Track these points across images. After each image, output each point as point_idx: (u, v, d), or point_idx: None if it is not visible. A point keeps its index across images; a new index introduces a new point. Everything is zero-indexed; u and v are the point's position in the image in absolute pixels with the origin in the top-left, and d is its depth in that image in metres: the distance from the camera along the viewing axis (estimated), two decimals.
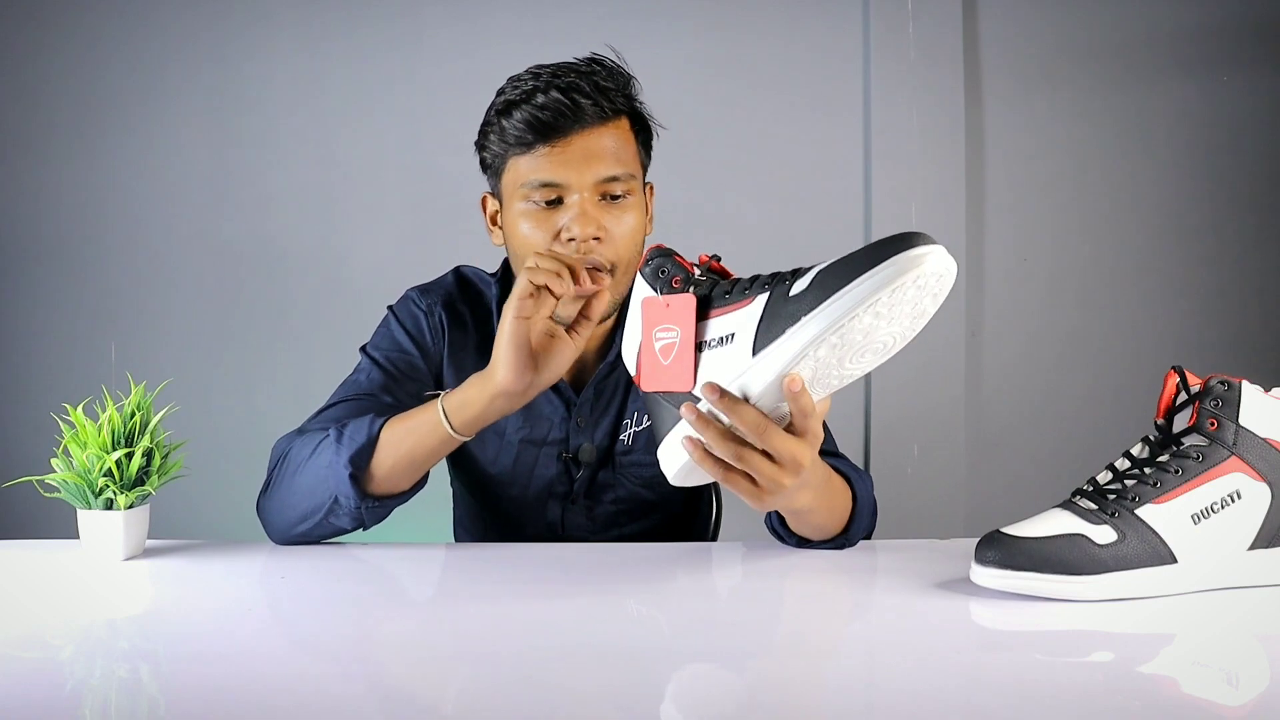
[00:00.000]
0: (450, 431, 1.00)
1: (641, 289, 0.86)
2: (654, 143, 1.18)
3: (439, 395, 1.02)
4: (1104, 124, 2.38)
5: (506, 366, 0.96)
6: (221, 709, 0.63)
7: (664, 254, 0.86)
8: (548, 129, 1.06)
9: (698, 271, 0.85)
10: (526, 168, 1.08)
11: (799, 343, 0.76)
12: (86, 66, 2.29)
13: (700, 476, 0.87)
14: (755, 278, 0.82)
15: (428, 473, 1.07)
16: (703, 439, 0.82)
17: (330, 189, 2.32)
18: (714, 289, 0.83)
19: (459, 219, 2.25)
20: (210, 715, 0.63)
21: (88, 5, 2.29)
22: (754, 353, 0.79)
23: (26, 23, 2.29)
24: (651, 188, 1.19)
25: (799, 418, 0.81)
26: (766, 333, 0.78)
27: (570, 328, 0.99)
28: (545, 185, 1.07)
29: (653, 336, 0.84)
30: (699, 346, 0.82)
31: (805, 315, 0.76)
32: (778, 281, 0.80)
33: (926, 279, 0.73)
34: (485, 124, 1.13)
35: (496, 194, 1.15)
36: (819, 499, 0.98)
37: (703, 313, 0.83)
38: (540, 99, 1.07)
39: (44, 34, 2.29)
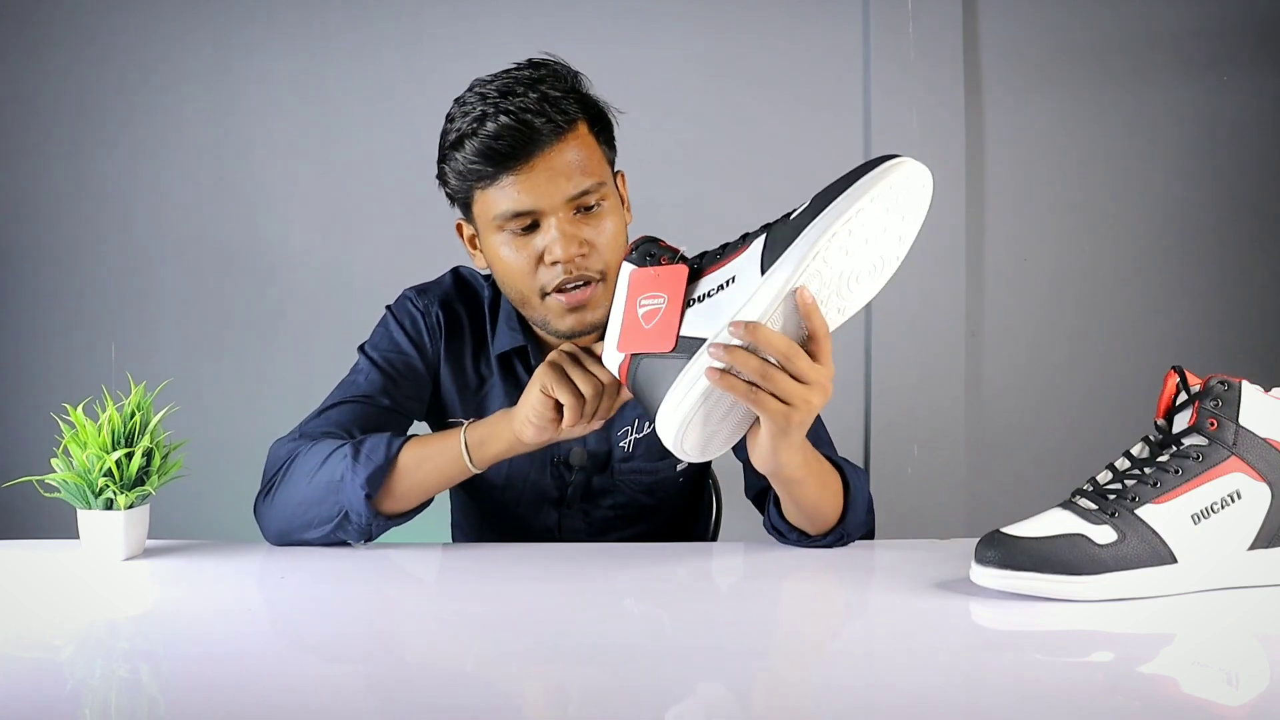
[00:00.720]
0: (470, 465, 1.03)
1: (626, 269, 0.90)
2: (641, 137, 1.16)
3: (462, 425, 1.04)
4: (1104, 124, 2.38)
5: (531, 429, 0.98)
6: (221, 709, 0.63)
7: (650, 239, 0.90)
8: (505, 157, 1.02)
9: (684, 249, 0.89)
10: (495, 199, 1.05)
11: (801, 249, 0.82)
12: (85, 67, 2.29)
13: (695, 439, 0.88)
14: (741, 236, 0.87)
15: (430, 499, 1.09)
16: (730, 366, 0.84)
17: (330, 189, 2.31)
18: (706, 254, 0.88)
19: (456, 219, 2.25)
20: (210, 715, 0.63)
21: (86, 6, 2.29)
22: (762, 271, 0.83)
23: (26, 23, 2.28)
24: (623, 176, 1.15)
25: (814, 342, 0.85)
26: (772, 253, 0.83)
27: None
28: (518, 215, 1.04)
29: (636, 303, 0.87)
30: (688, 303, 0.86)
31: (805, 227, 0.82)
32: (778, 221, 0.86)
33: (903, 183, 0.82)
34: (440, 158, 1.09)
35: (470, 222, 1.12)
36: (809, 471, 0.98)
37: (694, 275, 0.87)
38: (491, 126, 1.02)
39: (43, 34, 2.29)
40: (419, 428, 1.25)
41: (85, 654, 0.75)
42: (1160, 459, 0.86)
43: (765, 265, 0.83)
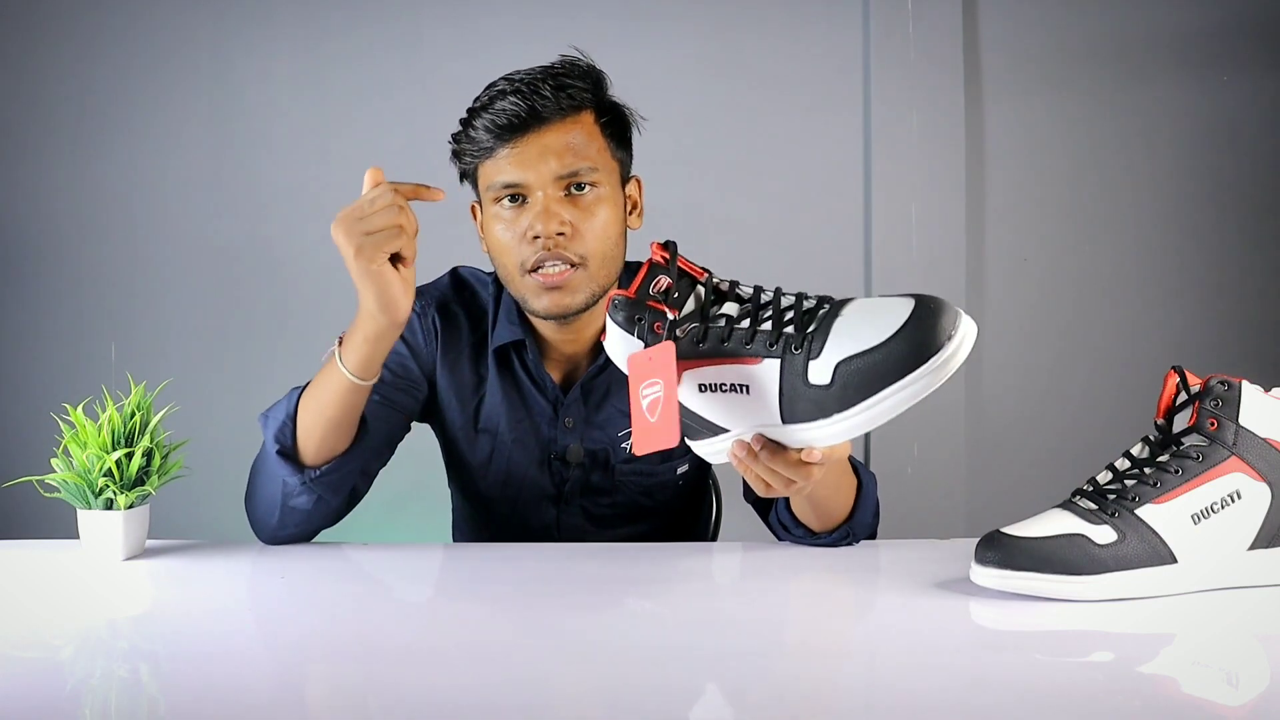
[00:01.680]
0: (351, 378, 1.02)
1: (619, 340, 0.83)
2: (641, 137, 1.18)
3: (335, 347, 1.05)
4: (1104, 124, 2.38)
5: (379, 308, 1.00)
6: (221, 709, 0.63)
7: (630, 303, 0.81)
8: (506, 131, 1.08)
9: (671, 315, 0.80)
10: (491, 171, 1.10)
11: (830, 435, 0.78)
12: (85, 67, 2.29)
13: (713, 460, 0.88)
14: (747, 327, 0.79)
15: (364, 420, 1.08)
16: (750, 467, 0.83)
17: (329, 189, 2.31)
18: (709, 338, 0.80)
19: (456, 220, 2.25)
20: (210, 715, 0.63)
21: (87, 5, 2.29)
22: (784, 421, 0.79)
23: (26, 23, 2.28)
24: (639, 181, 1.19)
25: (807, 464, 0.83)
26: (794, 411, 0.78)
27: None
28: (508, 186, 1.09)
29: (640, 394, 0.81)
30: (702, 388, 0.81)
31: (836, 414, 0.76)
32: (786, 347, 0.78)
33: (958, 364, 0.75)
34: (455, 135, 1.14)
35: (479, 202, 1.17)
36: (826, 470, 0.98)
37: (698, 355, 0.80)
38: (499, 103, 1.08)
39: (43, 34, 2.29)
40: (420, 430, 1.25)
41: (85, 654, 0.75)
42: (1160, 459, 0.86)
43: (786, 417, 0.79)
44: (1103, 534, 0.82)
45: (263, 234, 2.31)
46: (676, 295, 0.81)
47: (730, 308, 0.82)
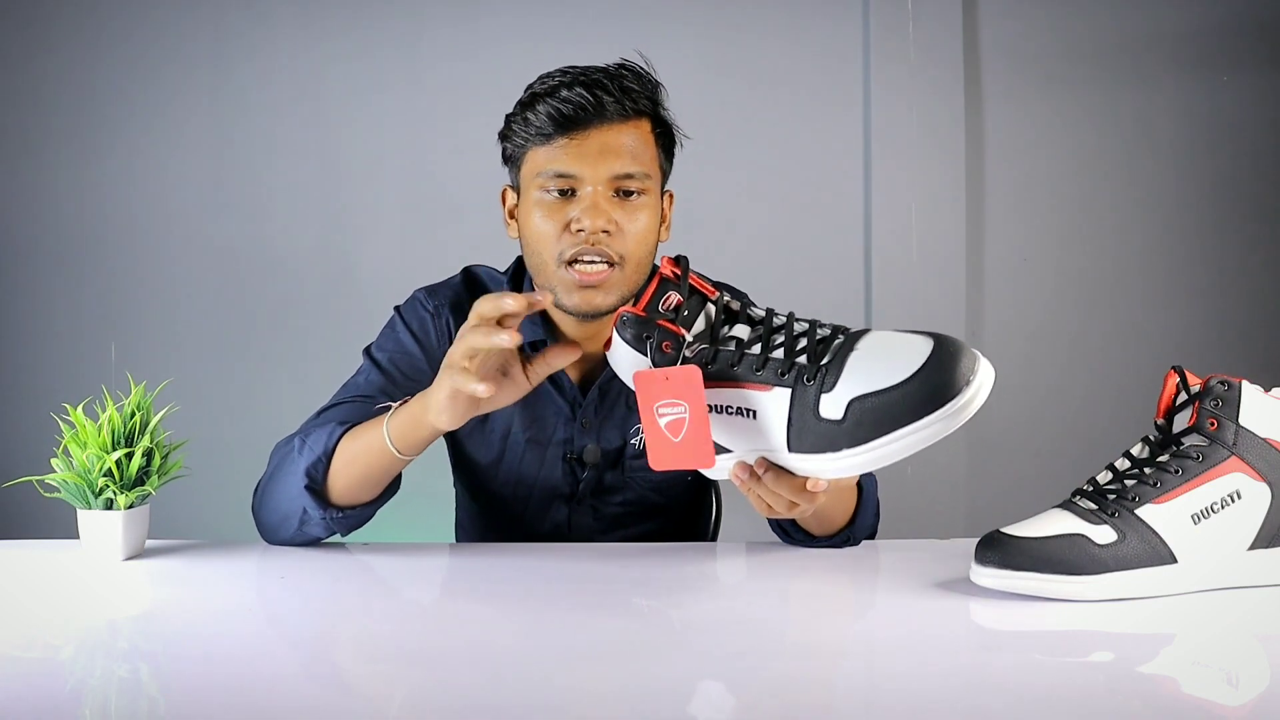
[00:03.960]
0: (395, 453, 1.00)
1: (626, 356, 0.82)
2: (676, 152, 1.19)
3: (389, 409, 1.01)
4: (1104, 124, 2.38)
5: (445, 414, 0.94)
6: (221, 709, 0.63)
7: (640, 320, 0.81)
8: (568, 122, 1.08)
9: (681, 335, 0.80)
10: (544, 158, 1.09)
11: (836, 469, 0.78)
12: (86, 67, 2.29)
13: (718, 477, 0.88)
14: (764, 355, 0.79)
15: (399, 479, 1.06)
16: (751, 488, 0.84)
17: (330, 189, 2.32)
18: (719, 360, 0.80)
19: (459, 219, 2.26)
20: (210, 715, 0.63)
21: (87, 5, 2.29)
22: (790, 449, 0.79)
23: (26, 23, 2.28)
24: (671, 196, 1.20)
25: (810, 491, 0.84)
26: (801, 441, 0.78)
27: (529, 361, 0.96)
28: (560, 175, 1.08)
29: (655, 412, 0.80)
30: (708, 409, 0.80)
31: (846, 449, 0.76)
32: (798, 377, 0.77)
33: (975, 410, 0.74)
34: (510, 115, 1.14)
35: (516, 186, 1.16)
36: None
37: (707, 376, 0.79)
38: (564, 94, 1.08)
39: (44, 34, 2.29)
40: None
41: (85, 654, 0.75)
42: (1160, 459, 0.86)
43: (793, 446, 0.79)
44: (1103, 534, 0.82)
45: (263, 233, 2.31)
46: (686, 314, 0.81)
47: (741, 330, 0.81)
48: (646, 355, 0.80)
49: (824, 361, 0.77)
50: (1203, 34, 2.38)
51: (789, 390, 0.77)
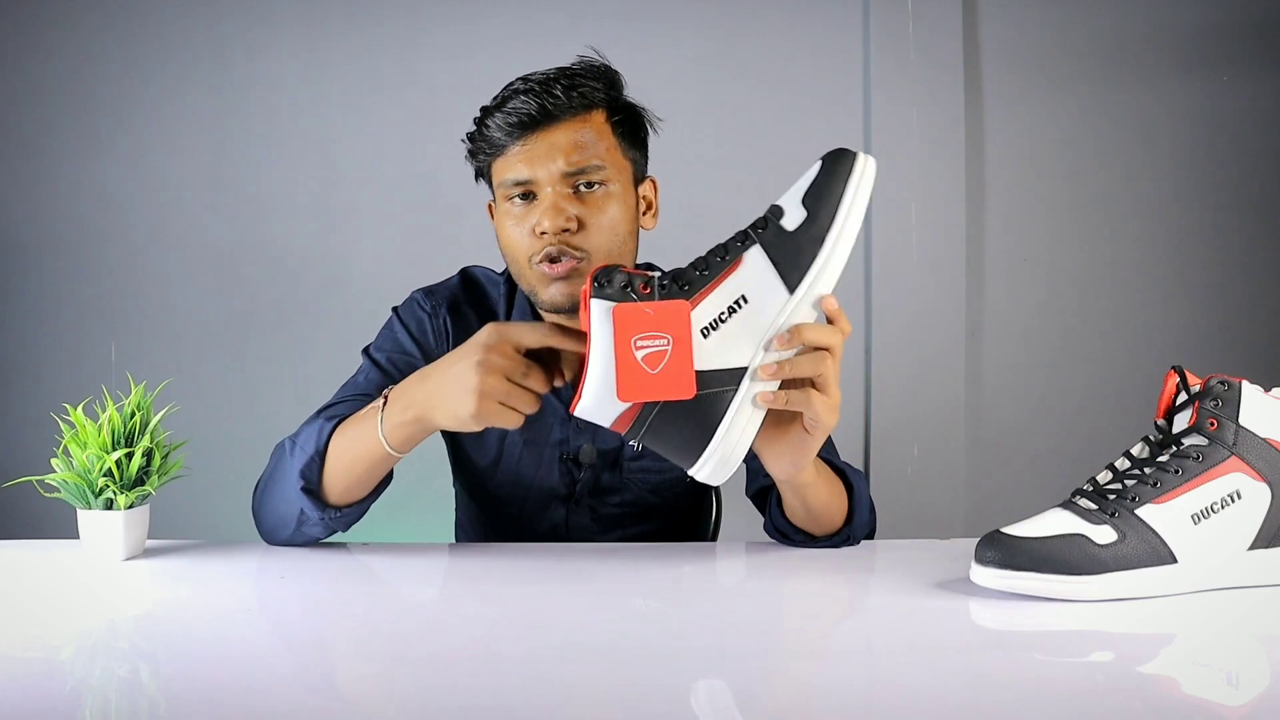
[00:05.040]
0: (387, 448, 0.98)
1: (603, 306, 0.82)
2: (652, 137, 1.18)
3: (382, 400, 0.98)
4: (1104, 124, 2.38)
5: (450, 421, 0.92)
6: (221, 709, 0.63)
7: (613, 268, 0.83)
8: (517, 128, 1.09)
9: (657, 275, 0.83)
10: (502, 168, 1.11)
11: (839, 258, 0.82)
12: (86, 66, 2.29)
13: (740, 452, 0.85)
14: (714, 249, 0.84)
15: (391, 473, 1.05)
16: (780, 374, 0.84)
17: (330, 189, 2.32)
18: (685, 280, 0.83)
19: (458, 219, 2.26)
20: (210, 715, 0.63)
21: (87, 5, 2.29)
22: (791, 290, 0.82)
23: (26, 23, 2.29)
24: (654, 182, 1.19)
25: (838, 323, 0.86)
26: (794, 267, 0.82)
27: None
28: (518, 183, 1.10)
29: (630, 344, 0.80)
30: (705, 333, 0.82)
31: (827, 235, 0.82)
32: (757, 230, 0.84)
33: (873, 177, 0.85)
34: (470, 134, 1.15)
35: (493, 200, 1.17)
36: (820, 473, 1.00)
37: (690, 297, 0.82)
38: (513, 103, 1.09)
39: (43, 34, 2.29)
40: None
41: (85, 654, 0.75)
42: (1160, 459, 0.86)
43: (791, 281, 0.82)
44: (1103, 534, 0.82)
45: (263, 233, 2.31)
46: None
47: (684, 266, 0.85)
48: (631, 300, 0.82)
49: (761, 216, 0.85)
50: (1203, 34, 2.38)
51: (757, 244, 0.84)
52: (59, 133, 2.30)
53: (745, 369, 0.83)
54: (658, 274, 0.84)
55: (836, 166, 0.85)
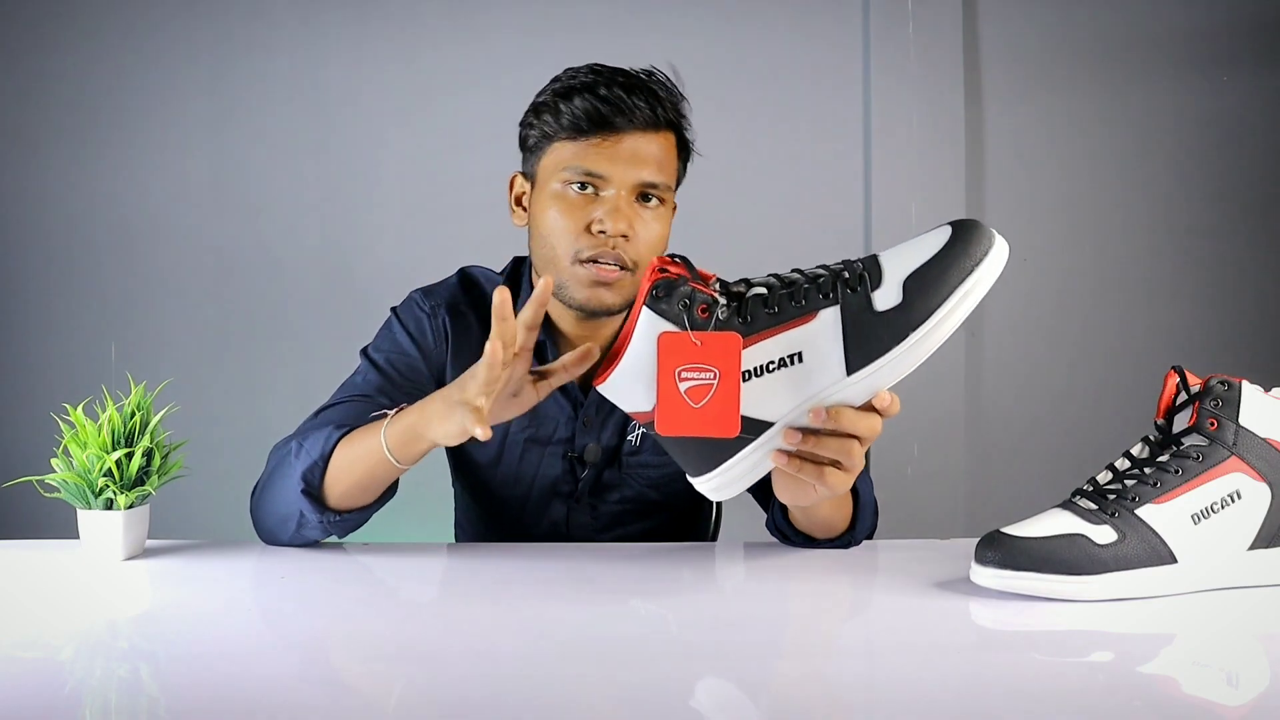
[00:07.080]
0: (394, 462, 0.97)
1: (653, 322, 0.78)
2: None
3: (385, 416, 0.98)
4: (1104, 124, 2.38)
5: (449, 434, 0.91)
6: (221, 709, 0.63)
7: (676, 281, 0.78)
8: (604, 121, 1.09)
9: (717, 290, 0.78)
10: (572, 154, 1.10)
11: (913, 360, 0.76)
12: (86, 66, 2.29)
13: (743, 484, 0.83)
14: (793, 289, 0.77)
15: (396, 483, 1.05)
16: (802, 448, 0.80)
17: (330, 188, 2.32)
18: (750, 314, 0.77)
19: (458, 219, 2.26)
20: (210, 715, 0.63)
21: (87, 5, 2.29)
22: (849, 373, 0.77)
23: (26, 23, 2.29)
24: (674, 207, 1.19)
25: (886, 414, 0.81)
26: (862, 352, 0.76)
27: (538, 374, 0.94)
28: (588, 174, 1.09)
29: (675, 374, 0.77)
30: (746, 376, 0.77)
31: (913, 332, 0.75)
32: (846, 288, 0.76)
33: (1000, 266, 0.78)
34: (539, 104, 1.13)
35: (529, 175, 1.15)
36: None
37: (745, 334, 0.77)
38: (603, 92, 1.09)
39: (43, 34, 2.29)
40: None
41: (85, 654, 0.75)
42: (1160, 459, 0.86)
43: (854, 364, 0.76)
44: (1103, 534, 0.82)
45: (262, 233, 2.31)
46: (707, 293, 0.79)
47: (759, 290, 0.79)
48: (686, 325, 0.77)
49: (860, 270, 0.77)
50: (1203, 34, 2.38)
51: (837, 306, 0.76)
52: (59, 132, 2.30)
53: (769, 424, 0.79)
54: (718, 287, 0.78)
55: (963, 248, 0.76)
